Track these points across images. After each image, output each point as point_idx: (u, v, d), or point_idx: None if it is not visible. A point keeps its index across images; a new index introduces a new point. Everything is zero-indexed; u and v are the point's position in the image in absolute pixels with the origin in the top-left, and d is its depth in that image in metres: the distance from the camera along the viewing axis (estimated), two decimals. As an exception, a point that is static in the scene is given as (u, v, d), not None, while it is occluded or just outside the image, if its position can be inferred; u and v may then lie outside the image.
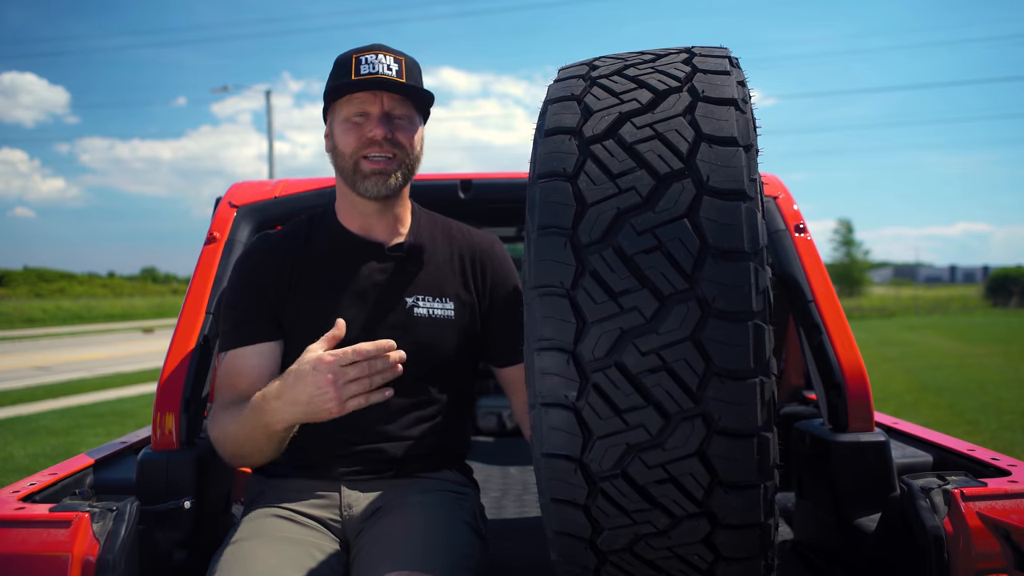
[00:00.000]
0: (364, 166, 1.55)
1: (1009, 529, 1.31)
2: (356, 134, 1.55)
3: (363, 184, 1.56)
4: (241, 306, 1.59)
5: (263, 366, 1.56)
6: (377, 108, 1.55)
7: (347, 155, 1.56)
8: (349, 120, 1.56)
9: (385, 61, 1.54)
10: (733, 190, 0.96)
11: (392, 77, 1.53)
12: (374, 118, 1.54)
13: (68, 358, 16.06)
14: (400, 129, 1.56)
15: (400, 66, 1.55)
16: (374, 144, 1.54)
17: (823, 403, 1.80)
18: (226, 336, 1.60)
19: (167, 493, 1.61)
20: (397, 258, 1.63)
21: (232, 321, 1.59)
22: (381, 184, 1.56)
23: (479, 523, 1.62)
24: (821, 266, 1.90)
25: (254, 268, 1.61)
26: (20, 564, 1.29)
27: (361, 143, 1.55)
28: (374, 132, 1.53)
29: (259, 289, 1.59)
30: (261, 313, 1.58)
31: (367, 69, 1.53)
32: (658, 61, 1.11)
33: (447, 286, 1.64)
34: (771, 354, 0.96)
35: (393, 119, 1.56)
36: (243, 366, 1.56)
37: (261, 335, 1.57)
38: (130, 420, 8.04)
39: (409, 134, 1.58)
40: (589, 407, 0.97)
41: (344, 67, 1.55)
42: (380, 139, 1.54)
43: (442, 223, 1.73)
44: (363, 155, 1.55)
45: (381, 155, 1.55)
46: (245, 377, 1.55)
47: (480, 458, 3.10)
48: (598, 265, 0.97)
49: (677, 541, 1.01)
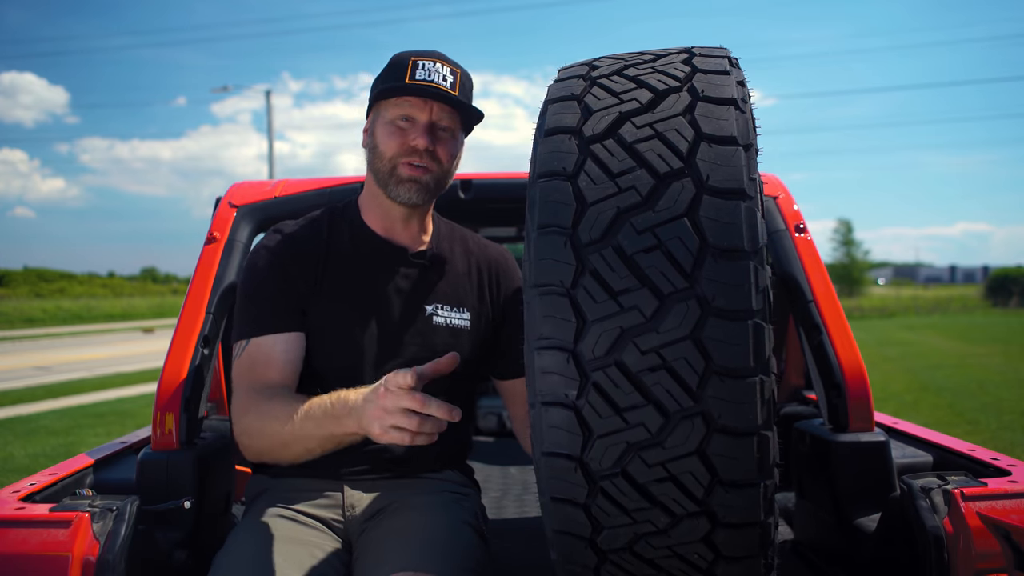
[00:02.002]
0: (402, 171, 1.54)
1: (1009, 529, 1.31)
2: (399, 138, 1.53)
3: (396, 189, 1.55)
4: (267, 293, 1.55)
5: (293, 354, 1.53)
6: (425, 116, 1.53)
7: (386, 157, 1.55)
8: (394, 123, 1.54)
9: (442, 71, 1.52)
10: (733, 189, 0.96)
11: (445, 88, 1.51)
12: (420, 126, 1.53)
13: (68, 358, 16.07)
14: (442, 142, 1.55)
15: (455, 78, 1.54)
16: (415, 153, 1.53)
17: (823, 403, 1.80)
18: (250, 323, 1.55)
19: (167, 493, 1.60)
20: (420, 265, 1.63)
21: (257, 307, 1.55)
22: (414, 192, 1.55)
23: (480, 523, 1.63)
24: (821, 266, 1.90)
25: (281, 256, 1.58)
26: (20, 564, 1.29)
27: (403, 149, 1.53)
28: (417, 141, 1.52)
29: (287, 278, 1.56)
30: (289, 301, 1.55)
31: (422, 75, 1.51)
32: (658, 61, 1.11)
33: (465, 296, 1.65)
34: (771, 353, 0.96)
35: (437, 131, 1.54)
36: (273, 353, 1.51)
37: (290, 324, 1.54)
38: (130, 420, 8.05)
39: (450, 149, 1.56)
40: (589, 406, 0.97)
41: (399, 68, 1.53)
42: (422, 149, 1.52)
43: (460, 233, 1.73)
44: (403, 161, 1.53)
45: (420, 164, 1.54)
46: (276, 365, 1.51)
47: (480, 458, 3.11)
48: (598, 264, 0.97)
49: (677, 540, 1.01)
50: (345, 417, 1.31)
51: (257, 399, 1.47)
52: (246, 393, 1.50)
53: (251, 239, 2.02)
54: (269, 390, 1.47)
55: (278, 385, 1.49)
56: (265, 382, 1.49)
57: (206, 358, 1.79)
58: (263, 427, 1.43)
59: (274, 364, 1.51)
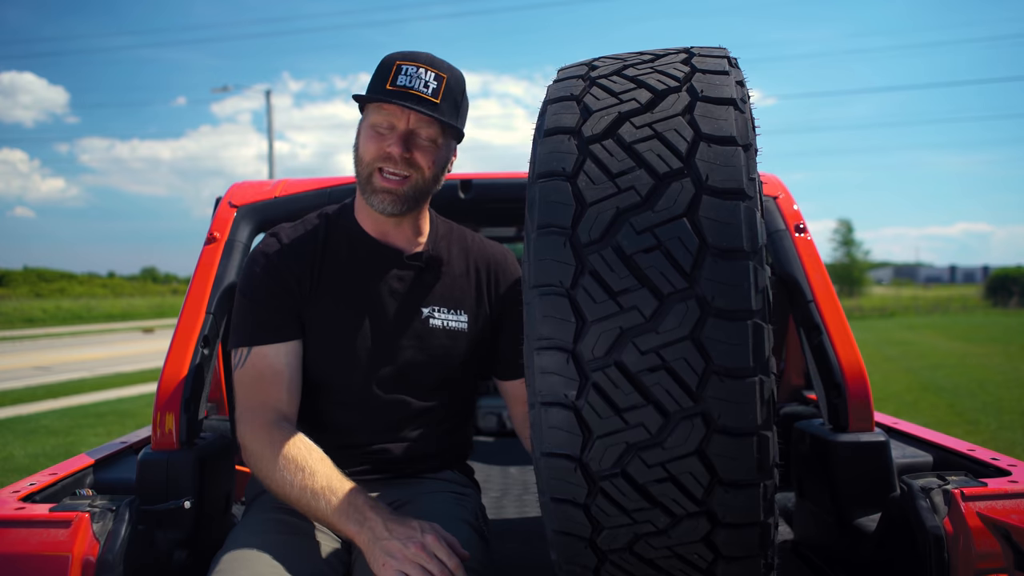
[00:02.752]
0: (376, 181, 1.53)
1: (1009, 529, 1.31)
2: (377, 144, 1.52)
3: (372, 198, 1.55)
4: (267, 300, 1.55)
5: (297, 367, 1.54)
6: (403, 124, 1.51)
7: (364, 162, 1.54)
8: (375, 128, 1.53)
9: (424, 77, 1.49)
10: (732, 189, 0.96)
11: (426, 96, 1.48)
12: (397, 133, 1.51)
13: (68, 358, 16.07)
14: (420, 149, 1.52)
15: (440, 84, 1.50)
16: (390, 160, 1.51)
17: (823, 403, 1.80)
18: (252, 330, 1.54)
19: (167, 493, 1.60)
20: (415, 267, 1.62)
21: (258, 315, 1.54)
22: (387, 203, 1.54)
23: (481, 523, 1.63)
24: (821, 266, 1.90)
25: (280, 262, 1.57)
26: (20, 564, 1.29)
27: (379, 155, 1.52)
28: (392, 148, 1.50)
29: (284, 284, 1.56)
30: (288, 308, 1.55)
31: (403, 81, 1.48)
32: (657, 61, 1.12)
33: (463, 298, 1.64)
34: (770, 353, 0.96)
35: (415, 139, 1.52)
36: (279, 366, 1.52)
37: (291, 332, 1.55)
38: (130, 420, 8.05)
39: (429, 156, 1.53)
40: (589, 406, 0.97)
41: (384, 72, 1.51)
42: (397, 156, 1.50)
43: (458, 233, 1.72)
44: (378, 167, 1.52)
45: (395, 173, 1.52)
46: (283, 379, 1.51)
47: (480, 458, 3.10)
48: (597, 264, 0.97)
49: (677, 540, 1.01)
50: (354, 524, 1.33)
51: (270, 428, 1.46)
52: (255, 412, 1.49)
53: (251, 239, 2.02)
54: (285, 422, 1.48)
55: (286, 406, 1.50)
56: (274, 400, 1.50)
57: (206, 358, 1.78)
58: (273, 474, 1.41)
59: (280, 379, 1.52)
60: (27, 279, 49.66)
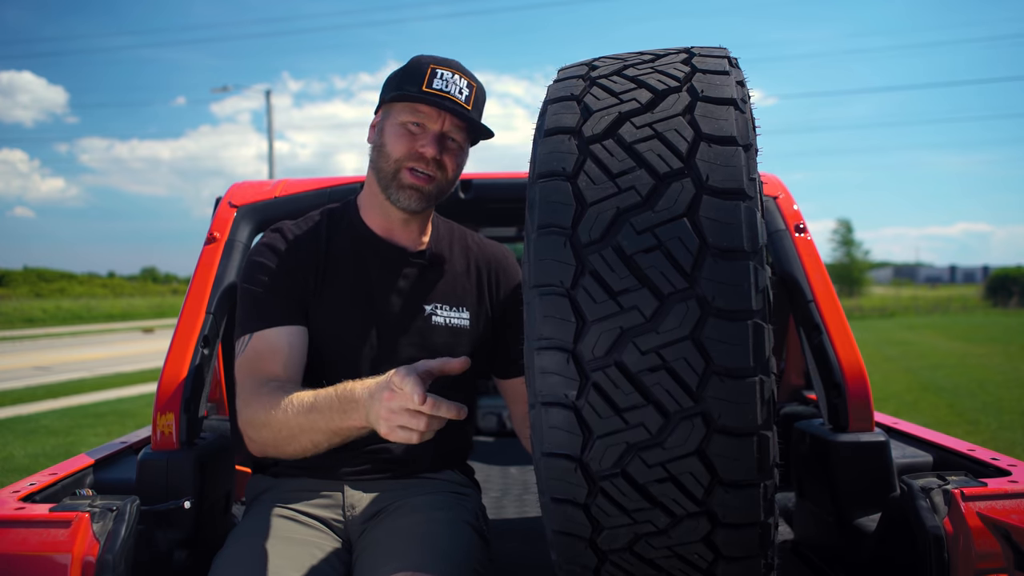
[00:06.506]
0: (404, 177, 1.54)
1: (1009, 529, 1.31)
2: (408, 143, 1.53)
3: (396, 193, 1.55)
4: (270, 289, 1.55)
5: (297, 347, 1.52)
6: (437, 126, 1.53)
7: (392, 158, 1.54)
8: (405, 126, 1.54)
9: (459, 83, 1.53)
10: (732, 189, 0.96)
11: (460, 102, 1.52)
12: (430, 135, 1.53)
13: (68, 358, 16.06)
14: (448, 152, 1.55)
15: (471, 92, 1.54)
16: (422, 160, 1.53)
17: (823, 403, 1.80)
18: (253, 318, 1.54)
19: (167, 493, 1.60)
20: (419, 265, 1.63)
21: (261, 303, 1.54)
22: (414, 200, 1.55)
23: (481, 523, 1.63)
24: (821, 266, 1.90)
25: (285, 253, 1.58)
26: (20, 564, 1.29)
27: (410, 153, 1.53)
28: (426, 149, 1.52)
29: (291, 273, 1.56)
30: (292, 296, 1.55)
31: (440, 85, 1.51)
32: (657, 61, 1.11)
33: (464, 296, 1.65)
34: (771, 353, 0.96)
35: (447, 141, 1.55)
36: (278, 345, 1.51)
37: (294, 317, 1.54)
38: (130, 420, 8.05)
39: (455, 159, 1.57)
40: (589, 406, 0.97)
41: (417, 73, 1.52)
42: (430, 157, 1.53)
43: (459, 232, 1.74)
44: (408, 166, 1.54)
45: (424, 172, 1.54)
46: (280, 358, 1.50)
47: (480, 458, 3.10)
48: (598, 264, 0.97)
49: (677, 540, 1.01)
50: (352, 411, 1.29)
51: (262, 390, 1.44)
52: (251, 385, 1.47)
53: (251, 239, 2.02)
54: (275, 382, 1.46)
55: (283, 378, 1.48)
56: (270, 374, 1.48)
57: (206, 358, 1.78)
58: (268, 418, 1.39)
59: (279, 356, 1.50)
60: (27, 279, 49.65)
